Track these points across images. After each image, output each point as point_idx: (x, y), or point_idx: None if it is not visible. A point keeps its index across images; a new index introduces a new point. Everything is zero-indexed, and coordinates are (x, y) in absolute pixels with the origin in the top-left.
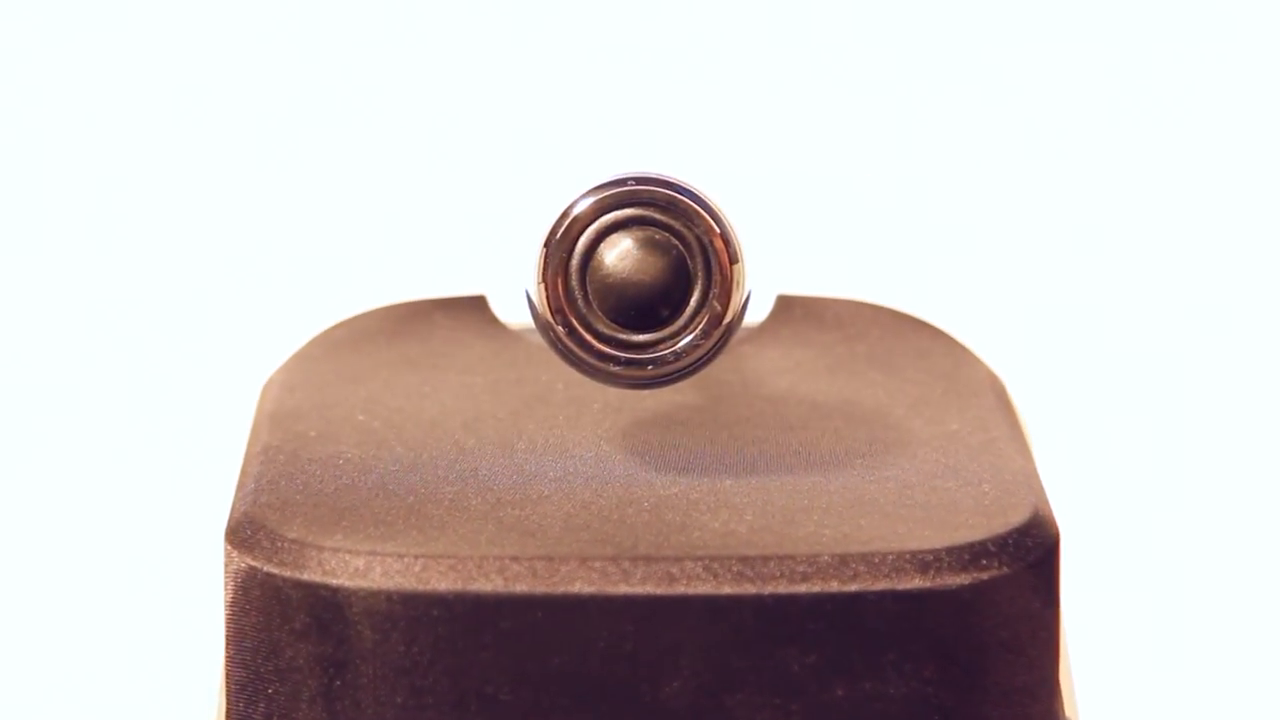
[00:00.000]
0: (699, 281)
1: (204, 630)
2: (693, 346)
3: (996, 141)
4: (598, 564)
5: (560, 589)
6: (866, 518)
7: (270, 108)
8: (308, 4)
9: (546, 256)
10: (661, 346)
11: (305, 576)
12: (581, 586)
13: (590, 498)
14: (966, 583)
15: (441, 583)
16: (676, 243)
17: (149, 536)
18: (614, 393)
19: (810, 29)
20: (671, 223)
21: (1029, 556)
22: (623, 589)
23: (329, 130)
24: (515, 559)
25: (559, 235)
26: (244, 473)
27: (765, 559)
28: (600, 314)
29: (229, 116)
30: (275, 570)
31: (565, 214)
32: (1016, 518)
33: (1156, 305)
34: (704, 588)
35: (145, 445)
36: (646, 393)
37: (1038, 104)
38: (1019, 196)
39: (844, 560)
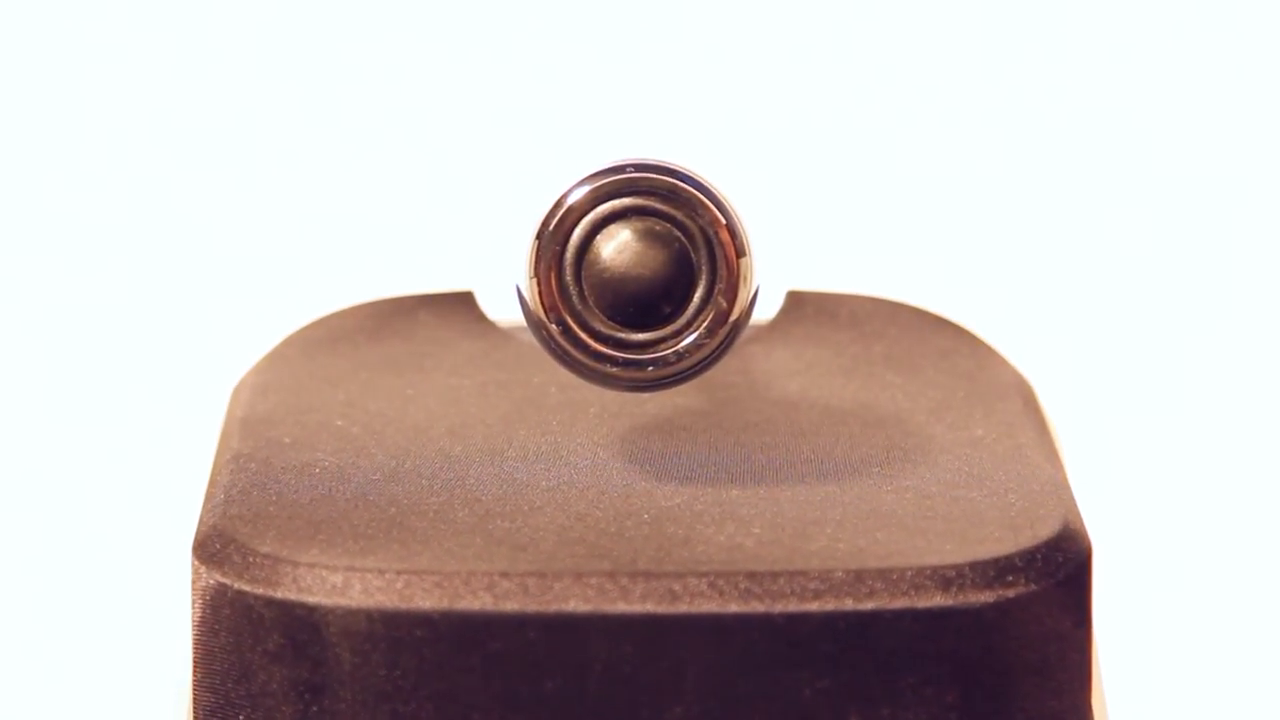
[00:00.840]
0: (703, 276)
1: (170, 652)
2: (696, 346)
3: (1023, 125)
4: (594, 580)
5: (554, 607)
6: (884, 531)
7: (243, 93)
8: None
9: (539, 249)
10: (663, 346)
11: (279, 594)
12: (577, 605)
13: (586, 509)
14: (991, 601)
15: (426, 601)
16: (679, 234)
17: (110, 551)
18: (611, 396)
19: (821, 4)
20: (673, 213)
21: (1058, 572)
22: (621, 607)
23: (304, 116)
24: (505, 575)
25: (552, 226)
26: (213, 482)
27: (774, 575)
28: (597, 311)
29: (199, 103)
30: (246, 587)
31: (559, 203)
32: (1045, 530)
33: (1196, 301)
34: (709, 606)
35: (105, 452)
36: (646, 396)
37: (1075, 88)
38: (1047, 184)
39: (859, 576)
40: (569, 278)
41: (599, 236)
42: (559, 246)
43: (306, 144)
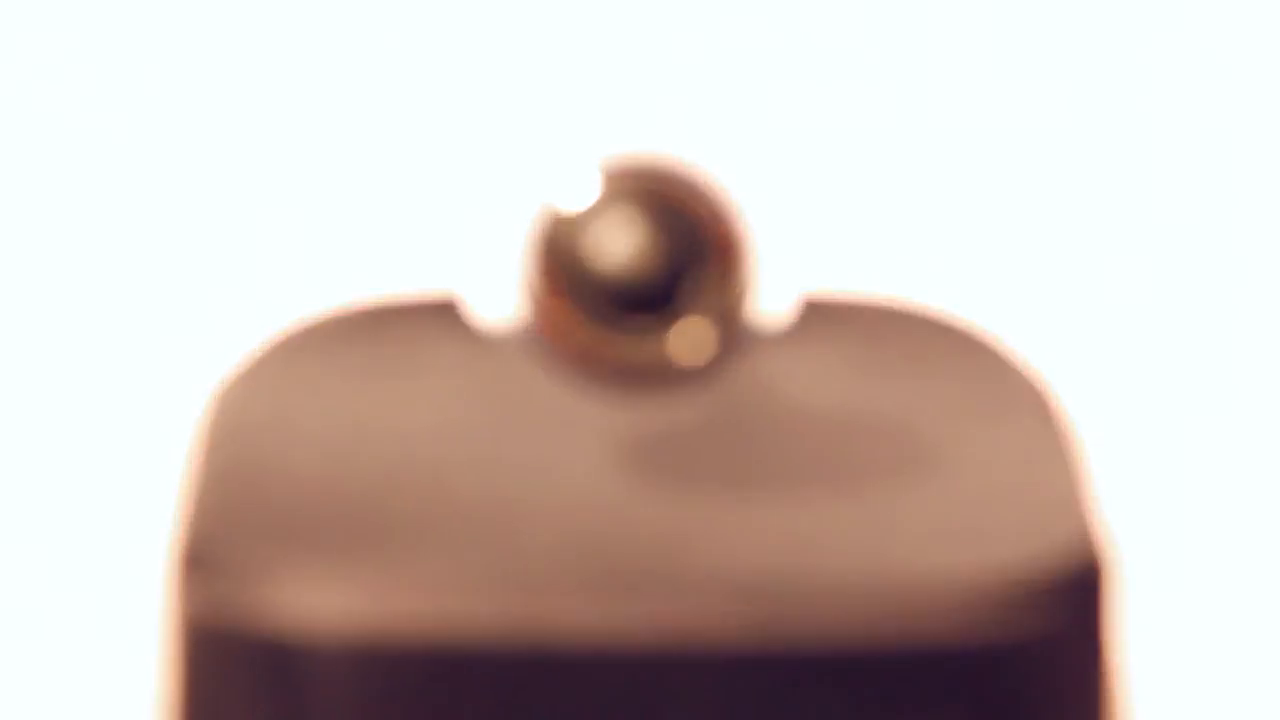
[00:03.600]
0: (706, 274)
1: (140, 673)
2: (698, 347)
3: (1043, 125)
4: (589, 601)
5: (546, 630)
6: (896, 549)
7: (223, 93)
8: None
9: (532, 245)
10: (663, 347)
11: (256, 613)
12: (570, 626)
13: (581, 525)
14: (1008, 622)
15: (410, 623)
16: (681, 230)
17: (79, 566)
18: (608, 401)
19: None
20: (676, 208)
21: (1077, 590)
22: (618, 628)
23: (285, 115)
24: (494, 596)
25: (547, 221)
26: (188, 493)
27: (781, 597)
28: (593, 311)
29: (179, 103)
30: (222, 605)
31: (555, 198)
32: (1064, 546)
33: (1221, 305)
34: (711, 628)
35: (76, 460)
36: (646, 401)
37: (1094, 88)
38: (1067, 185)
39: (870, 600)
40: (563, 276)
41: (597, 232)
42: (554, 243)
43: (288, 144)
